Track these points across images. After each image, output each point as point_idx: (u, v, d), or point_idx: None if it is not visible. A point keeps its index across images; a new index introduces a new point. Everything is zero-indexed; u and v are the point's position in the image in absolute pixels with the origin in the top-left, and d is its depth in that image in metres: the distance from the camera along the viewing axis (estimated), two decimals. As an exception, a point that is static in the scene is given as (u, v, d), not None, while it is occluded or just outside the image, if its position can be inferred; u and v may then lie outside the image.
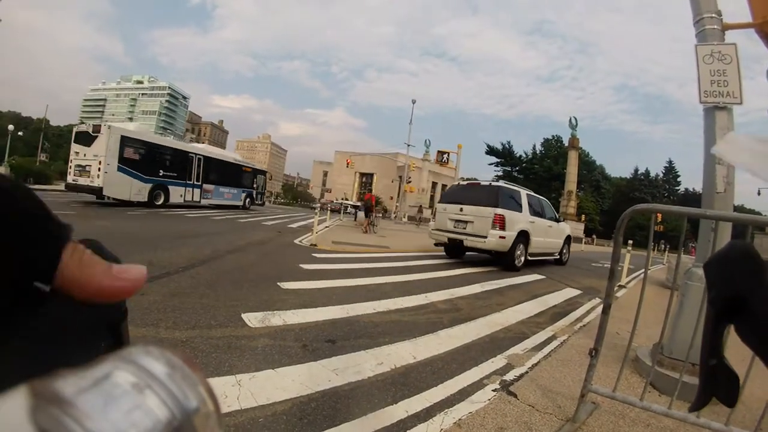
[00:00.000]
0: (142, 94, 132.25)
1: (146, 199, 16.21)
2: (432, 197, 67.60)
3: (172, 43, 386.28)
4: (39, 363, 0.30)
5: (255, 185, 24.90)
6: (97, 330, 0.37)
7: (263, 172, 26.88)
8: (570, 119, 35.16)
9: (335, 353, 2.95)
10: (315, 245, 9.29)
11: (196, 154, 19.78)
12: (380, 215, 23.19)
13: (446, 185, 79.06)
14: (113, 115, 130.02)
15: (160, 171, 17.21)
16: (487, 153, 72.59)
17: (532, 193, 10.25)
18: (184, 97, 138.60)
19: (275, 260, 6.76)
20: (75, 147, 15.53)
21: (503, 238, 8.44)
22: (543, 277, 8.36)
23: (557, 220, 11.20)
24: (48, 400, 0.19)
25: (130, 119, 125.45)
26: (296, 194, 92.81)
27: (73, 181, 15.23)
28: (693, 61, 3.44)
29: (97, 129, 15.16)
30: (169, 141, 19.88)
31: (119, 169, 15.17)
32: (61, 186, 19.02)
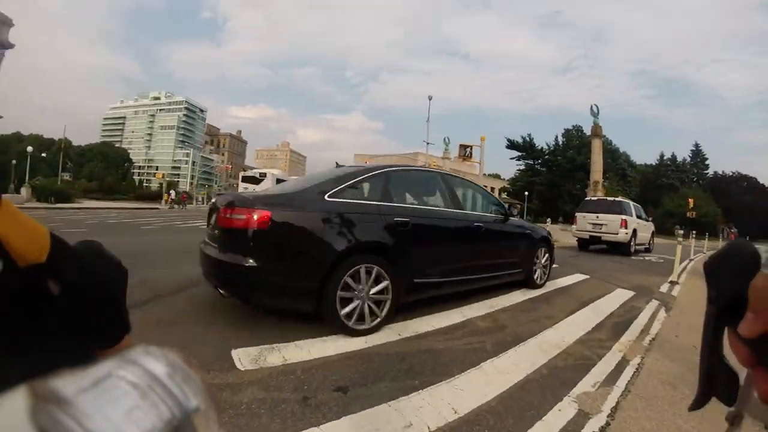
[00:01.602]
0: (160, 109, 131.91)
1: None
2: (455, 195, 66.43)
3: (186, 58, 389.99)
4: (40, 363, 0.30)
5: None
6: None
7: None
8: (591, 107, 33.52)
9: (347, 409, 2.17)
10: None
11: None
12: None
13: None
14: (133, 132, 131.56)
15: None
16: (508, 147, 71.11)
17: (635, 204, 14.45)
18: (201, 110, 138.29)
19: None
20: (243, 184, 25.00)
21: (627, 234, 12.56)
22: (587, 276, 7.43)
23: (647, 221, 15.26)
24: (48, 400, 0.20)
25: (150, 135, 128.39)
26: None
27: None
28: (706, 45, 2.62)
29: (263, 174, 25.63)
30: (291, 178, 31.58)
31: None
32: (83, 204, 26.66)
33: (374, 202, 3.71)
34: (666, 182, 63.68)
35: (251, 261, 3.07)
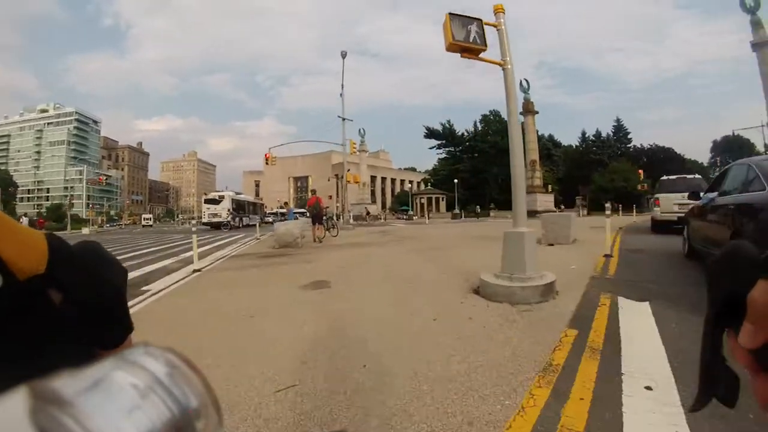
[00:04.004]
0: (48, 123, 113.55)
1: (238, 225, 32.87)
2: (372, 192, 63.10)
3: (88, 69, 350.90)
4: (41, 363, 0.31)
5: (262, 212, 44.75)
6: None
7: (262, 204, 50.64)
8: (521, 82, 29.98)
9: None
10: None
11: (246, 200, 39.25)
12: (333, 218, 18.79)
13: (385, 177, 75.31)
14: (18, 151, 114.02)
15: (240, 211, 35.32)
16: (426, 136, 69.02)
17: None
18: (95, 122, 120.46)
19: None
20: (206, 205, 33.44)
21: None
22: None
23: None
24: (48, 400, 0.19)
25: (38, 153, 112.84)
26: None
27: (208, 220, 32.21)
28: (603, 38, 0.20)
29: (222, 197, 33.83)
30: (243, 196, 39.73)
31: (231, 213, 33.03)
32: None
33: None
34: (594, 158, 64.17)
35: None
